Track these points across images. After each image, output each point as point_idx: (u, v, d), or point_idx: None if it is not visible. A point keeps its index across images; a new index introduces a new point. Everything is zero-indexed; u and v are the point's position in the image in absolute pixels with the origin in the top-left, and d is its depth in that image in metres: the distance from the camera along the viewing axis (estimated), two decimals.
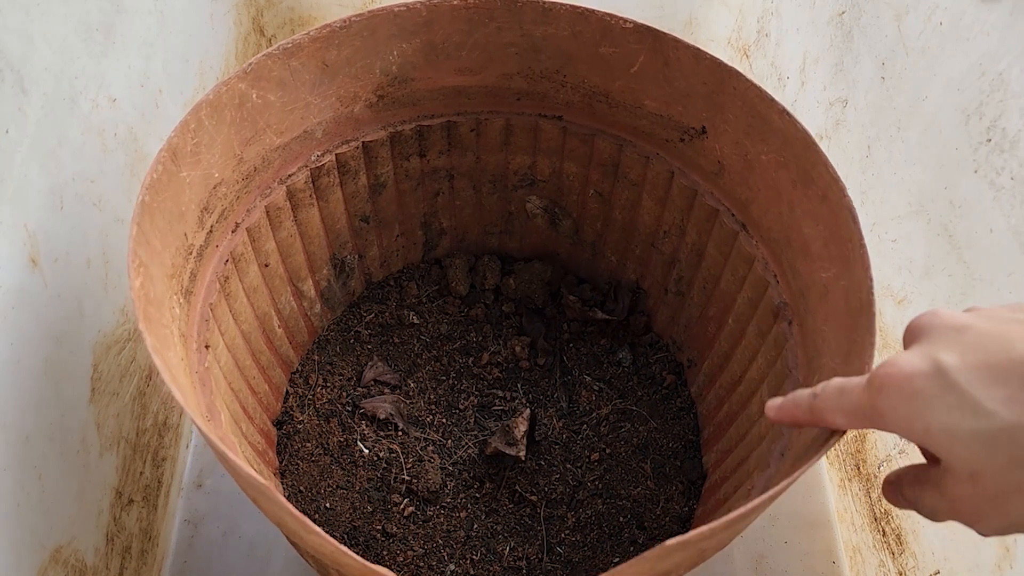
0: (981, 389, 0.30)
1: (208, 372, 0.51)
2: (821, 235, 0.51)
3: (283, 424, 0.65)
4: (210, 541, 0.64)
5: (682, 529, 0.61)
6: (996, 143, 0.50)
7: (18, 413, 0.45)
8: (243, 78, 0.54)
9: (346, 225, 0.67)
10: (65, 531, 0.50)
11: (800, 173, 0.52)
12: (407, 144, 0.66)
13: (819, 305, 0.50)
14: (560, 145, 0.67)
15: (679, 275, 0.67)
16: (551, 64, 0.62)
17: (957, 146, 0.54)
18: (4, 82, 0.43)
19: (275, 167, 0.59)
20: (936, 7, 0.57)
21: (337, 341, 0.70)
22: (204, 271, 0.54)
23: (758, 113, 0.54)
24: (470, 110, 0.66)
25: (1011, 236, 0.48)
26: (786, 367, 0.53)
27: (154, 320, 0.44)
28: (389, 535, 0.60)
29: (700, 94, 0.58)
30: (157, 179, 0.48)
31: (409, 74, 0.62)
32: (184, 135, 0.50)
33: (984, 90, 0.51)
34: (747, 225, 0.59)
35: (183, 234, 0.51)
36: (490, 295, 0.74)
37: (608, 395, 0.68)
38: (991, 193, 0.50)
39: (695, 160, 0.61)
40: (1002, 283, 0.49)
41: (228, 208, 0.56)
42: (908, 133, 0.59)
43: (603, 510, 0.62)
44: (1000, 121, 0.50)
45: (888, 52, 0.62)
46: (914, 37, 0.59)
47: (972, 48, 0.53)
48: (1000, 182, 0.49)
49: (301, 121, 0.59)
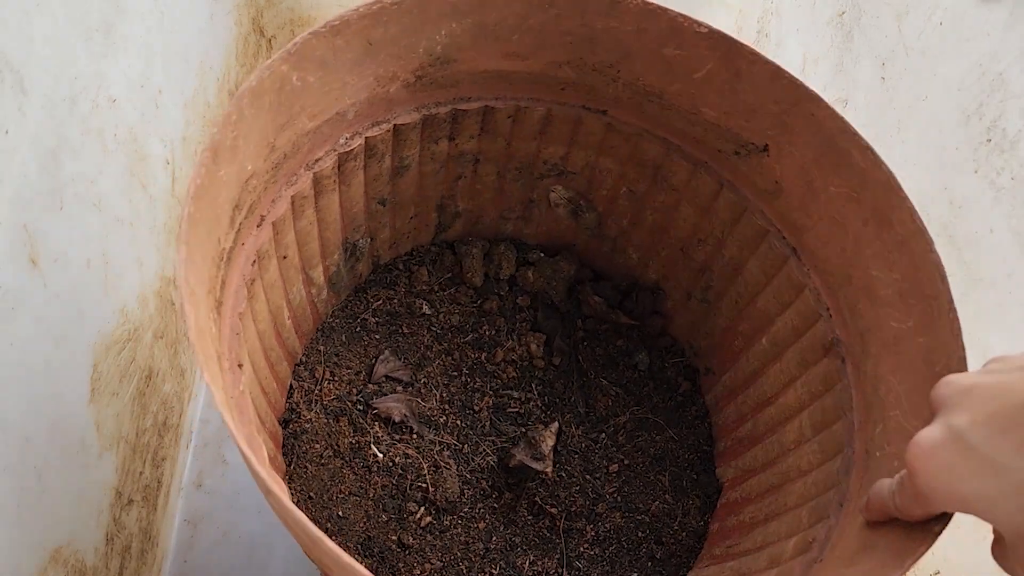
0: (992, 444, 0.30)
1: (243, 396, 0.46)
2: (895, 282, 0.49)
3: (289, 422, 0.61)
4: (210, 541, 0.63)
5: (698, 544, 0.62)
6: (996, 143, 0.50)
7: (18, 413, 0.45)
8: (287, 59, 0.48)
9: (363, 208, 0.62)
10: (65, 531, 0.50)
11: (875, 213, 0.50)
12: (439, 127, 0.60)
13: (885, 354, 0.50)
14: (600, 140, 0.63)
15: (708, 284, 0.65)
16: (606, 58, 0.57)
17: (957, 146, 0.54)
18: (4, 82, 0.42)
19: (303, 152, 0.53)
20: (936, 7, 0.56)
21: (343, 329, 0.66)
22: (232, 277, 0.49)
23: (834, 144, 0.52)
24: (510, 95, 0.61)
25: (1011, 236, 0.49)
26: (839, 408, 0.52)
27: (210, 359, 0.39)
28: (405, 546, 0.58)
29: (769, 112, 0.55)
30: (201, 185, 0.42)
31: (453, 55, 0.56)
32: (226, 130, 0.44)
33: (984, 90, 0.51)
34: (799, 251, 0.57)
35: (217, 240, 0.46)
36: (504, 285, 0.70)
37: (625, 401, 0.67)
38: (991, 193, 0.51)
39: (749, 176, 0.58)
40: (1002, 283, 0.50)
41: (256, 202, 0.50)
42: (908, 133, 0.59)
43: (622, 524, 0.61)
44: (1000, 121, 0.50)
45: (888, 52, 0.62)
46: (914, 37, 0.59)
47: (972, 48, 0.53)
48: (1000, 182, 0.50)
49: (335, 102, 0.53)
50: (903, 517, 0.38)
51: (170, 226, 0.63)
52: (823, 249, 0.55)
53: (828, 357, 0.54)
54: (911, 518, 0.38)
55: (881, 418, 0.48)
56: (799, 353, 0.57)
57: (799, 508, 0.52)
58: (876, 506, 0.40)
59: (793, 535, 0.50)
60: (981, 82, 0.51)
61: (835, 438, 0.52)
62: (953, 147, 0.54)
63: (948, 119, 0.54)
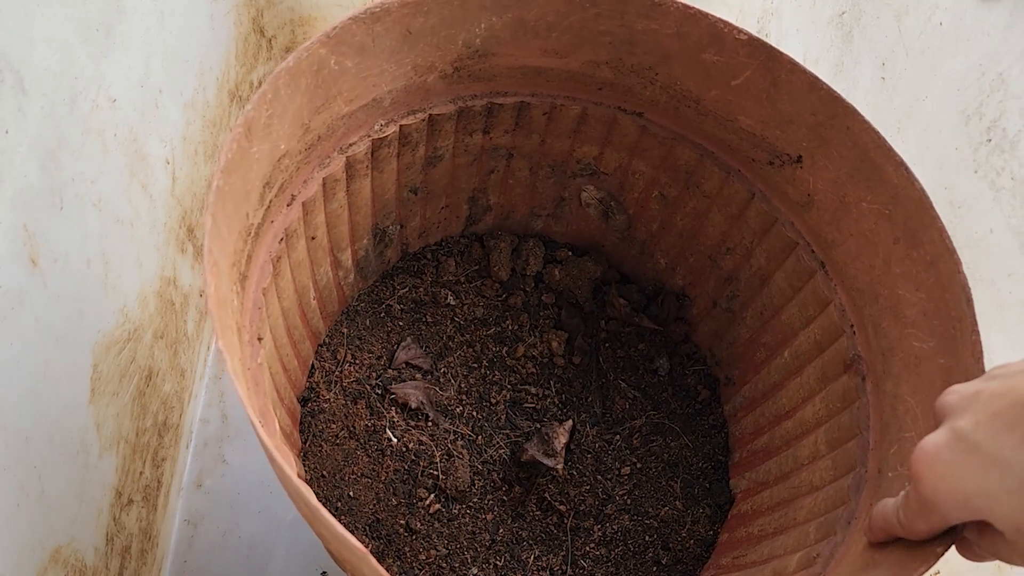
0: (995, 441, 0.31)
1: (261, 369, 0.47)
2: (920, 302, 0.49)
3: (308, 401, 0.62)
4: (210, 541, 0.63)
5: (706, 553, 0.61)
6: (996, 143, 0.50)
7: (18, 413, 0.44)
8: (325, 43, 0.48)
9: (394, 195, 0.63)
10: (65, 531, 0.49)
11: (906, 232, 0.50)
12: (474, 120, 0.61)
13: (906, 374, 0.49)
14: (634, 142, 0.62)
15: (733, 293, 0.65)
16: (645, 60, 0.57)
17: (957, 146, 0.53)
18: (4, 82, 0.42)
19: (338, 136, 0.54)
20: (936, 7, 0.56)
21: (367, 313, 0.67)
22: (258, 252, 0.50)
23: (869, 159, 0.51)
24: (546, 92, 0.61)
25: (1011, 236, 0.48)
26: (856, 425, 0.51)
27: (227, 328, 0.40)
28: (413, 531, 0.59)
29: (806, 123, 0.54)
30: (231, 159, 0.43)
31: (492, 48, 0.57)
32: (260, 107, 0.45)
33: (984, 90, 0.51)
34: (827, 266, 0.56)
35: (246, 214, 0.47)
36: (531, 281, 0.70)
37: (643, 405, 0.66)
38: (991, 193, 0.50)
39: (781, 187, 0.58)
40: (1002, 283, 0.49)
41: (287, 181, 0.51)
42: (908, 133, 0.59)
43: (630, 527, 0.61)
44: (1000, 121, 0.49)
45: (888, 52, 0.61)
46: (914, 37, 0.58)
47: (972, 48, 0.52)
48: (1000, 182, 0.49)
49: (372, 89, 0.54)
50: (907, 535, 0.38)
51: (170, 226, 0.63)
52: (852, 265, 0.54)
53: (848, 374, 0.53)
54: (915, 534, 0.37)
55: (897, 438, 0.48)
56: (820, 368, 0.57)
57: (807, 523, 0.52)
58: (879, 525, 0.39)
59: (799, 550, 0.50)
60: (981, 82, 0.51)
61: (849, 455, 0.51)
62: (953, 147, 0.54)
63: (948, 119, 0.54)
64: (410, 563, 0.58)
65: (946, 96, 0.54)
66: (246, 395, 0.37)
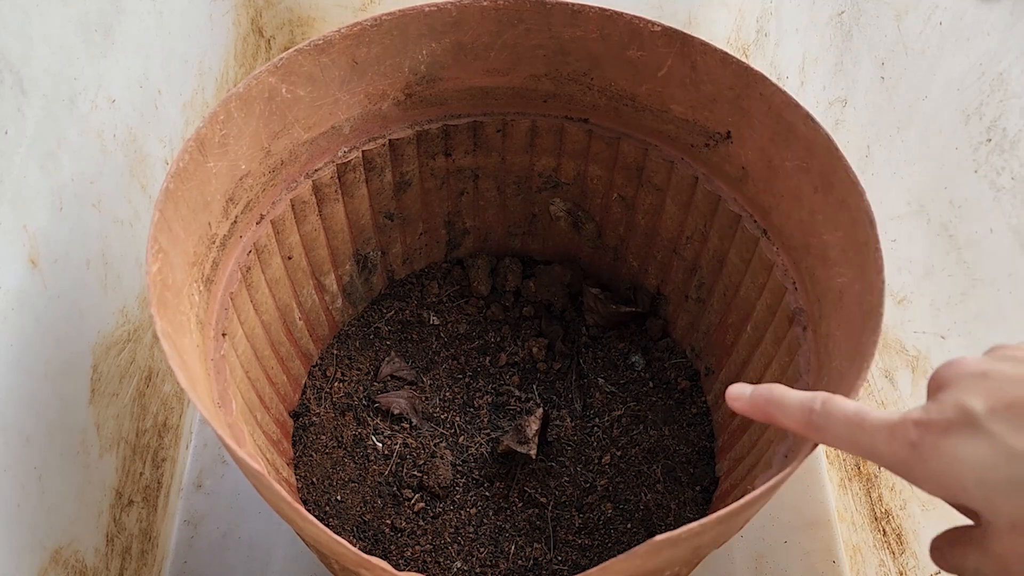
0: (1011, 433, 0.29)
1: (224, 360, 0.52)
2: (840, 241, 0.50)
3: (300, 416, 0.66)
4: (210, 541, 0.64)
5: None
6: (996, 143, 0.49)
7: (18, 414, 0.45)
8: (273, 72, 0.55)
9: (370, 221, 0.68)
10: (65, 532, 0.50)
11: (822, 179, 0.52)
12: (433, 143, 0.66)
13: (833, 311, 0.50)
14: (585, 148, 0.67)
15: (700, 281, 0.67)
16: (578, 66, 0.62)
17: (957, 146, 0.53)
18: (3, 83, 0.43)
19: (302, 161, 0.60)
20: (936, 7, 0.56)
21: (357, 336, 0.71)
22: (227, 260, 0.55)
23: (783, 119, 0.54)
24: (496, 110, 0.66)
25: (1011, 236, 0.48)
26: (797, 372, 0.52)
27: (169, 306, 0.45)
28: (398, 530, 0.61)
29: (726, 99, 0.57)
30: (183, 168, 0.49)
31: (437, 73, 0.63)
32: (212, 126, 0.51)
33: (984, 90, 0.51)
34: (768, 231, 0.58)
35: (207, 223, 0.52)
36: (510, 297, 0.74)
37: (621, 398, 0.68)
38: (991, 193, 0.50)
39: (720, 166, 0.61)
40: (1002, 283, 0.49)
41: (254, 199, 0.57)
42: (908, 133, 0.59)
43: (612, 514, 0.62)
44: (1000, 121, 0.49)
45: (888, 52, 0.62)
46: (914, 37, 0.59)
47: (972, 48, 0.52)
48: (1000, 182, 0.49)
49: (329, 117, 0.60)
50: (803, 436, 0.37)
51: None
52: (787, 224, 0.56)
53: (792, 326, 0.54)
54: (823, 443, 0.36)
55: (828, 371, 0.48)
56: (773, 331, 0.58)
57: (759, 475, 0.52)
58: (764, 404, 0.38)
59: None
60: (981, 82, 0.52)
61: None
62: (953, 147, 0.54)
63: (948, 119, 0.54)
64: (395, 560, 0.60)
65: (946, 96, 0.55)
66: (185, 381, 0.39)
